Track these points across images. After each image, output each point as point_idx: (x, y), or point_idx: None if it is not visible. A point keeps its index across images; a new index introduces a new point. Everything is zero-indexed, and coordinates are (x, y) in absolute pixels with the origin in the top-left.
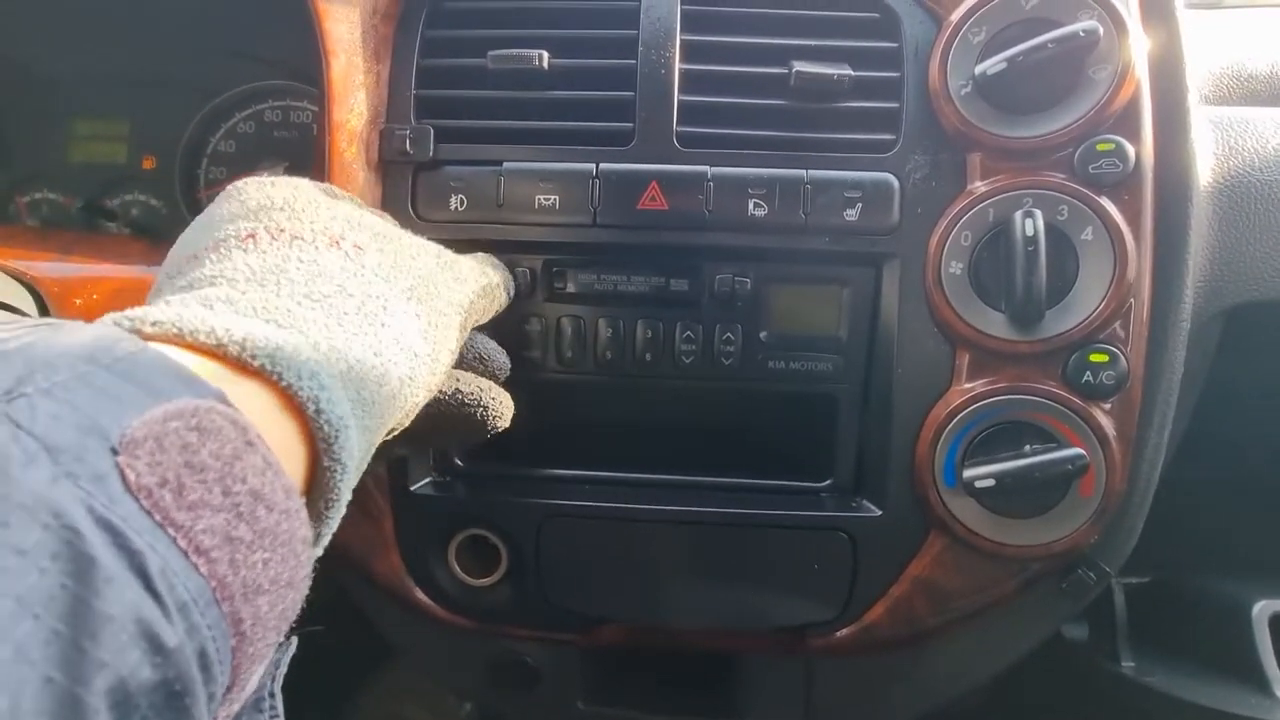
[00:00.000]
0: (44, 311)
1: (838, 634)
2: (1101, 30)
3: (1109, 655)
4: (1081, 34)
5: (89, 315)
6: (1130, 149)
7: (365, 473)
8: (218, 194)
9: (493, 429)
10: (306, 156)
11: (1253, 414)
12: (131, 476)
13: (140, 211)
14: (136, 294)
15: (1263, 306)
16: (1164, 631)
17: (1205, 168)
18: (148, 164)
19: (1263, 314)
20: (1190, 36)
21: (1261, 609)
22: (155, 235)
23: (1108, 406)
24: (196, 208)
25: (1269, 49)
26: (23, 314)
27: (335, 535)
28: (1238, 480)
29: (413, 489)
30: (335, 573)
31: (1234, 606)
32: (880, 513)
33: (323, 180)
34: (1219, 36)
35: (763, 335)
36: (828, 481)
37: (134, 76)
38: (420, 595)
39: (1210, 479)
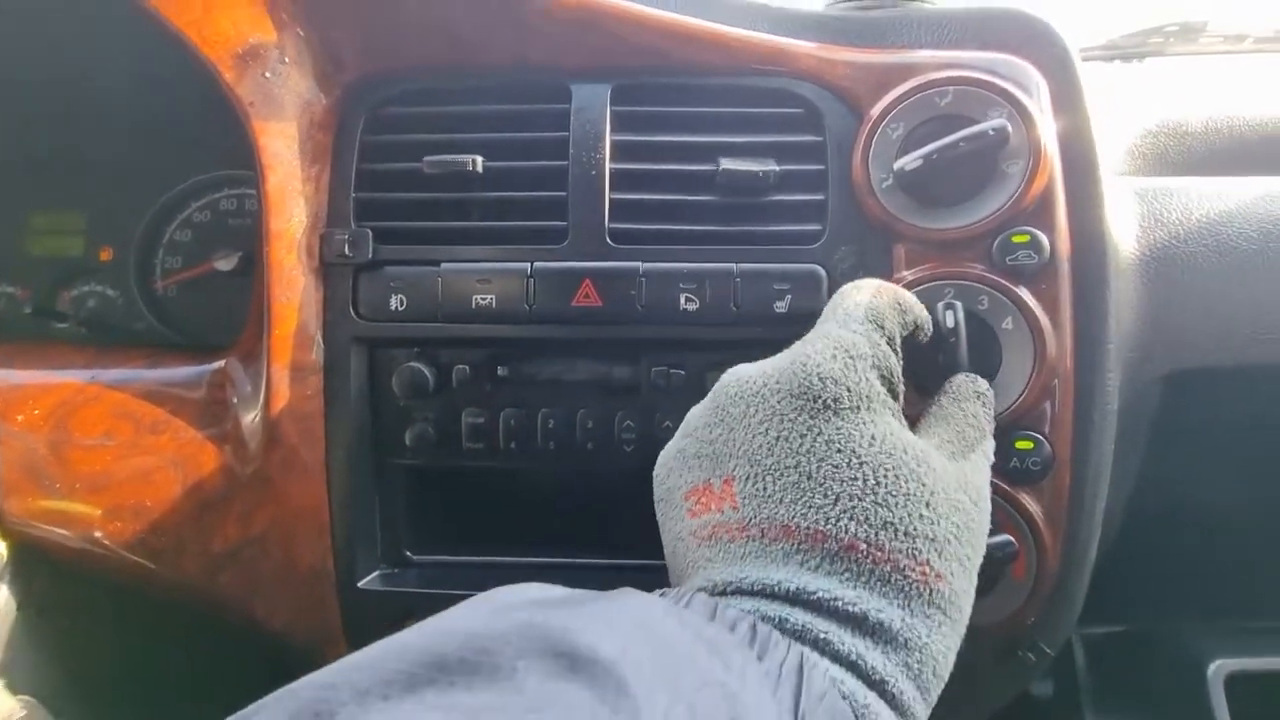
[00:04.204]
0: None
1: None
2: (1011, 127)
3: (1074, 712)
4: (991, 132)
5: (32, 431)
6: (1045, 240)
7: (310, 566)
8: (174, 284)
9: None
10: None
11: (1204, 468)
12: None
13: (97, 302)
14: (77, 409)
15: (1192, 374)
16: (1128, 686)
17: (1130, 239)
18: (105, 255)
19: (1195, 379)
20: (1118, 102)
21: (1217, 669)
22: (106, 331)
23: (1036, 492)
24: (151, 298)
25: (1204, 103)
26: None
27: (282, 624)
28: (1196, 530)
29: (360, 584)
30: (283, 660)
31: (1191, 663)
32: None
33: (263, 285)
34: (1155, 90)
35: None
36: None
37: (90, 169)
38: None
39: (1170, 529)
